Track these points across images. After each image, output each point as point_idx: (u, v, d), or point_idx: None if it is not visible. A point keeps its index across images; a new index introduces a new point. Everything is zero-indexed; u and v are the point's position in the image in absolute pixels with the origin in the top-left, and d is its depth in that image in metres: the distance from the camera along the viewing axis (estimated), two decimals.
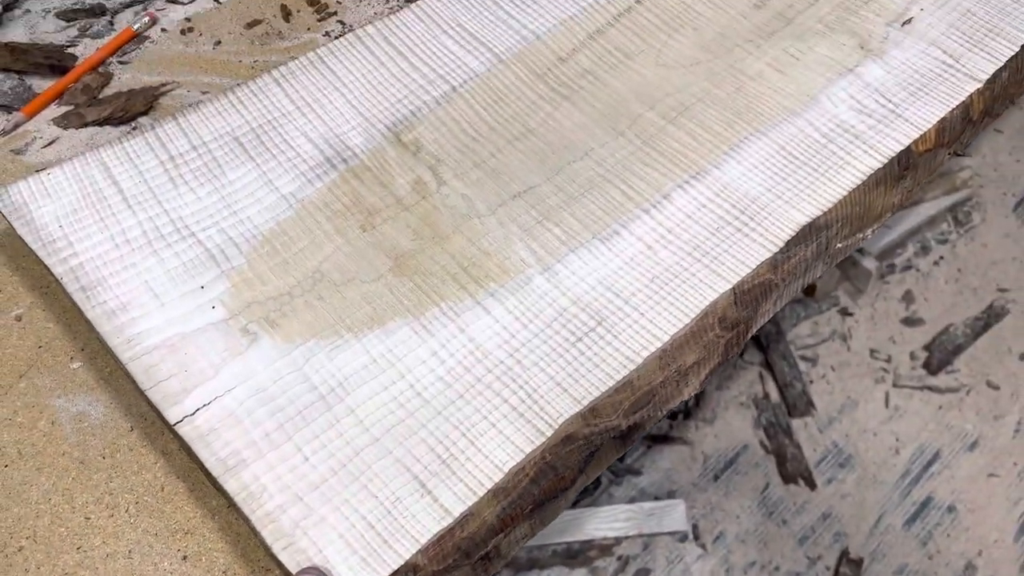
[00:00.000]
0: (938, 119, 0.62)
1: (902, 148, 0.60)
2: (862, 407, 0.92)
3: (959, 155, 0.79)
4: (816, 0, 0.69)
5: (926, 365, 1.41)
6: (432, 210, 0.55)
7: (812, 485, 0.73)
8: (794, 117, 0.62)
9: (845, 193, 0.57)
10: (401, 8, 0.68)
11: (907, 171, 0.61)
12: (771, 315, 0.59)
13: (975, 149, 1.94)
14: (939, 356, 1.52)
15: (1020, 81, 0.69)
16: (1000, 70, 0.65)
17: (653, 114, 0.61)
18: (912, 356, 1.57)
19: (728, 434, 0.82)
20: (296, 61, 0.63)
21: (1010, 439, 1.04)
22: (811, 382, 1.11)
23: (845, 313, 1.69)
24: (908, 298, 1.72)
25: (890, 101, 0.63)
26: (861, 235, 0.60)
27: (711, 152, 0.59)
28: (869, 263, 1.61)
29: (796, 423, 0.82)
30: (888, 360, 1.56)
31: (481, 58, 0.64)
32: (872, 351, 1.59)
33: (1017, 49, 0.66)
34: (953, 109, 0.63)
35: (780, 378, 0.85)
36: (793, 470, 0.73)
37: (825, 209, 0.57)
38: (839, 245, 0.60)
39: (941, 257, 1.75)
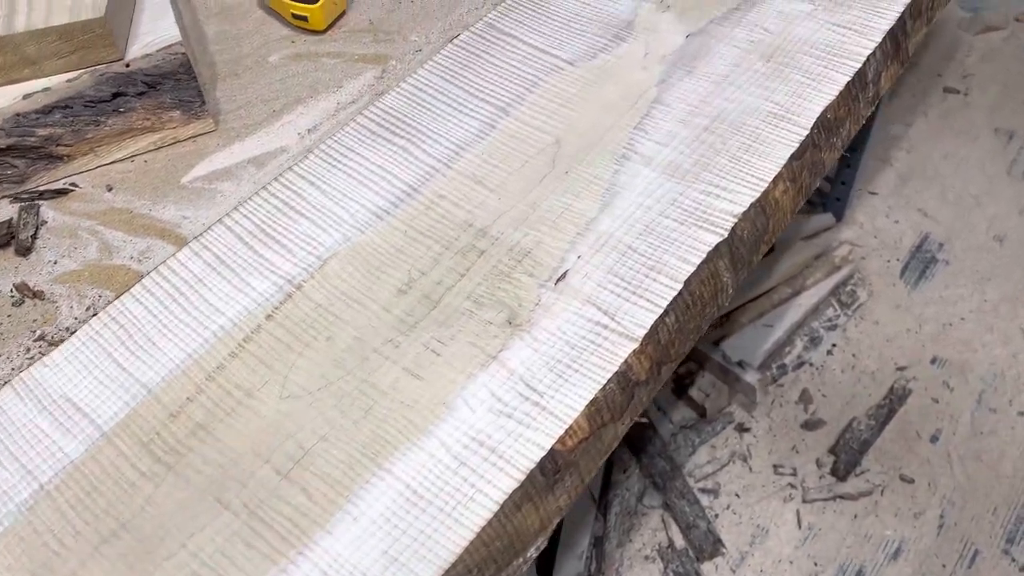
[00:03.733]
0: (587, 403, 0.55)
1: (544, 453, 0.54)
2: (774, 534, 0.82)
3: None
4: (467, 271, 0.63)
5: (834, 471, 1.32)
6: None
7: None
8: (426, 439, 0.55)
9: (473, 535, 0.50)
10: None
11: (558, 473, 0.54)
12: None
13: (850, 219, 1.89)
14: (846, 458, 1.43)
15: (697, 316, 0.62)
16: (662, 316, 0.59)
17: (268, 468, 0.55)
18: (818, 463, 1.48)
19: None
20: None
21: (934, 539, 0.94)
22: (716, 516, 1.02)
23: (742, 429, 1.61)
24: (805, 398, 1.63)
25: (535, 390, 0.56)
26: (518, 561, 0.53)
27: (324, 514, 0.52)
28: (751, 376, 1.53)
29: (707, 567, 0.74)
30: (794, 473, 1.47)
31: (80, 436, 0.57)
32: (776, 467, 1.50)
33: (679, 287, 0.60)
34: (607, 383, 0.56)
35: (682, 520, 0.77)
36: None
37: (449, 564, 0.49)
38: None
39: (834, 345, 1.67)
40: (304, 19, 0.89)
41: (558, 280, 0.62)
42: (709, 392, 1.62)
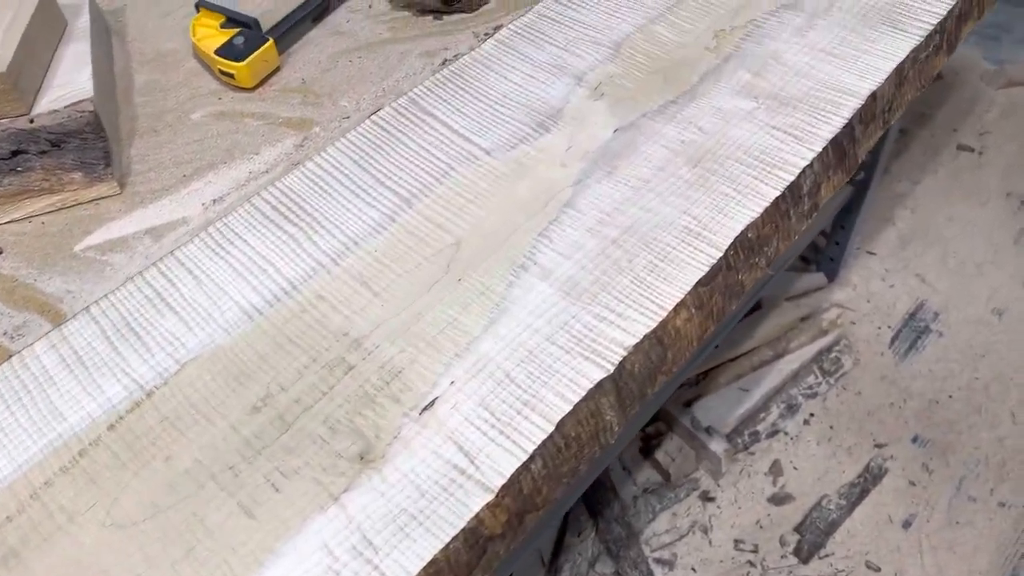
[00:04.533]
0: (424, 564, 0.50)
1: None
2: None
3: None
4: (330, 389, 0.59)
5: (797, 551, 1.26)
6: None
7: None
8: None
9: None
10: None
11: None
12: None
13: (843, 279, 1.82)
14: (811, 538, 1.37)
15: (572, 459, 0.57)
16: (527, 463, 0.54)
17: None
18: (782, 541, 1.42)
19: None
20: None
21: None
22: None
23: (706, 498, 1.55)
24: (775, 470, 1.57)
25: (371, 544, 0.52)
26: None
27: None
28: (718, 446, 1.47)
29: None
30: (755, 550, 1.42)
31: None
32: (737, 541, 1.45)
33: (551, 429, 0.55)
34: (452, 541, 0.51)
35: None
36: None
37: None
38: None
39: (811, 415, 1.60)
40: (231, 76, 0.85)
41: (424, 409, 0.57)
42: (675, 456, 1.56)
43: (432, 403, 0.57)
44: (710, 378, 1.63)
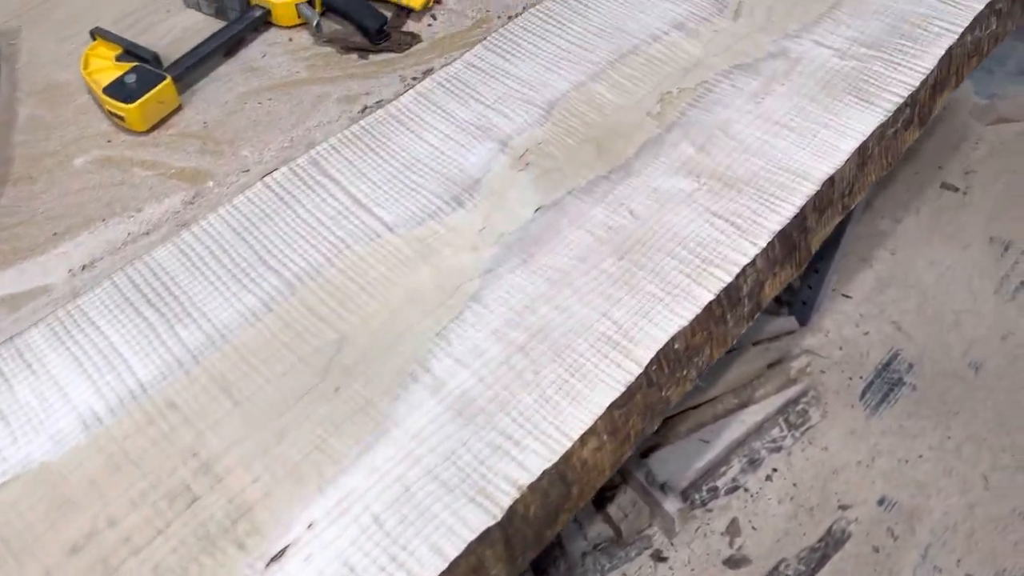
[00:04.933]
0: None
1: None
2: None
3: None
4: (167, 527, 0.49)
5: None
6: None
7: None
8: None
9: None
10: None
11: None
12: None
13: (816, 324, 1.73)
14: None
15: None
16: None
17: None
18: None
19: None
20: None
21: None
22: None
23: (658, 558, 1.47)
24: (733, 529, 1.48)
25: None
26: None
27: None
28: (672, 505, 1.38)
29: None
30: None
31: None
32: None
33: None
34: None
35: None
36: None
37: None
38: None
39: (774, 470, 1.52)
40: (121, 118, 0.76)
41: (272, 560, 0.48)
42: (628, 511, 1.47)
43: (282, 552, 0.48)
44: (669, 426, 1.54)
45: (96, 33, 0.81)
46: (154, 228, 0.71)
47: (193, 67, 0.81)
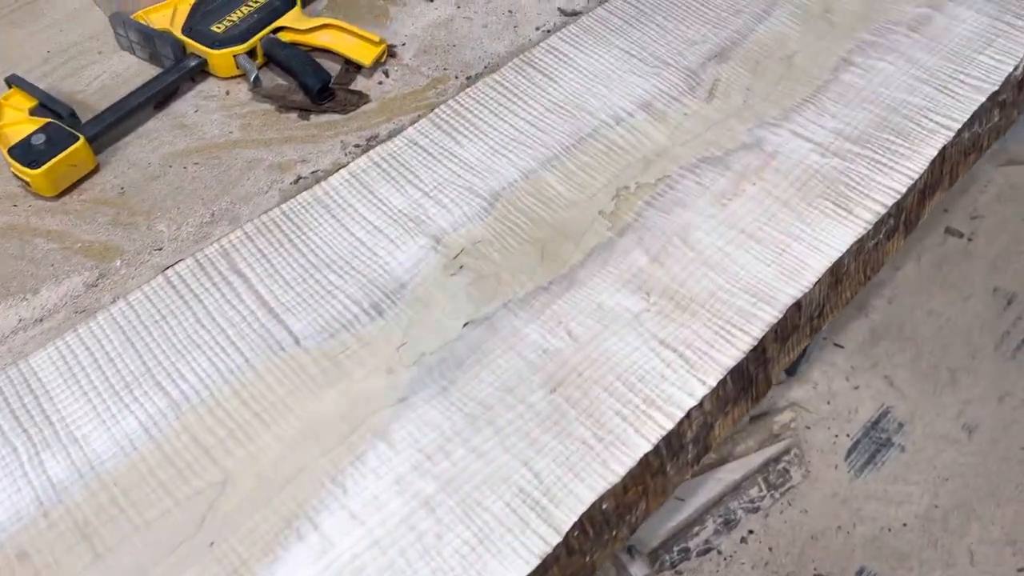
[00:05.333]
0: None
1: None
2: None
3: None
4: None
5: None
6: None
7: None
8: None
9: None
10: None
11: None
12: None
13: (804, 375, 1.65)
14: None
15: None
16: None
17: None
18: None
19: None
20: None
21: None
22: None
23: None
24: None
25: None
26: None
27: None
28: (639, 570, 1.31)
29: None
30: None
31: None
32: None
33: None
34: None
35: None
36: None
37: None
38: None
39: (750, 532, 1.45)
40: (27, 183, 0.69)
41: None
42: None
43: None
44: None
45: (12, 81, 0.74)
46: (48, 315, 0.64)
47: (114, 123, 0.73)
